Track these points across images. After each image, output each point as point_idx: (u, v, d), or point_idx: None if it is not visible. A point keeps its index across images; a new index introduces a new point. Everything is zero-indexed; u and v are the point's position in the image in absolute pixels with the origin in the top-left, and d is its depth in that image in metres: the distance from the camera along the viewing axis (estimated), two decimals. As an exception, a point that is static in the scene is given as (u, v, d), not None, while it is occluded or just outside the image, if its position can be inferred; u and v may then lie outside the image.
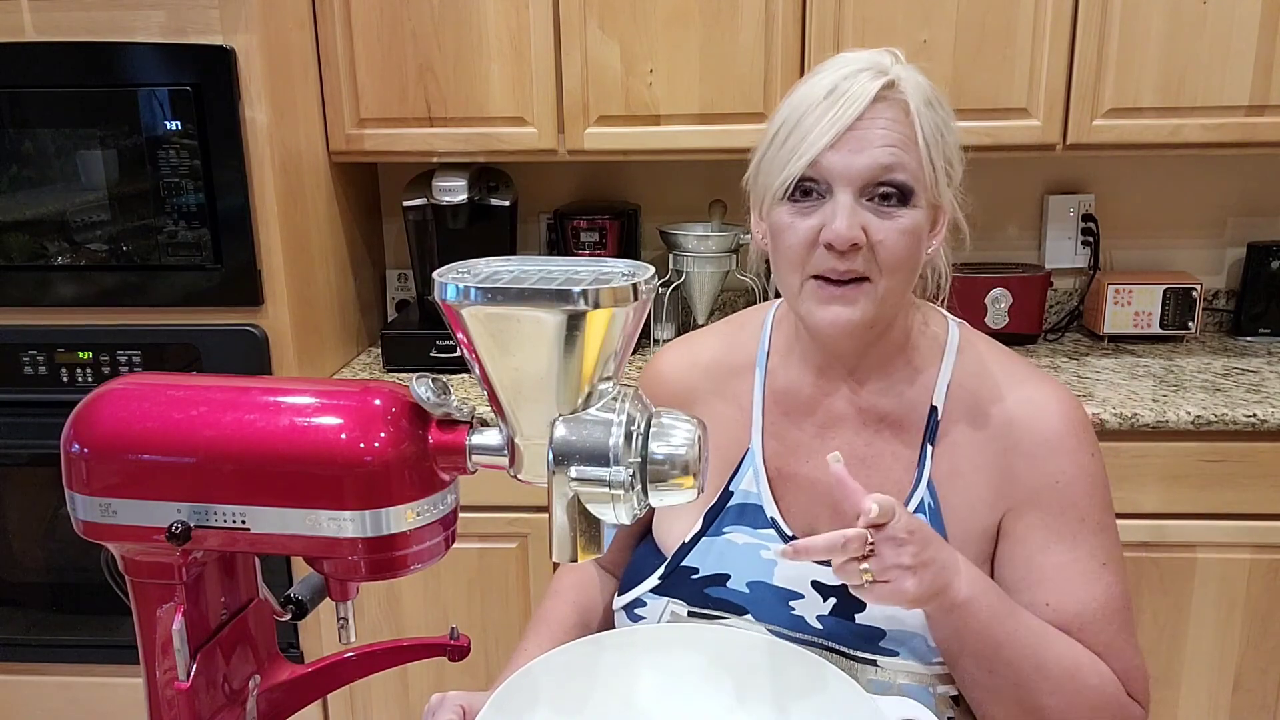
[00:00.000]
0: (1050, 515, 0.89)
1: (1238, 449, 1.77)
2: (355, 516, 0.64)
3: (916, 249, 0.87)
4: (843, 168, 0.85)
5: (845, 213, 0.84)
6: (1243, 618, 1.85)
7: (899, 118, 0.85)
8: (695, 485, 0.65)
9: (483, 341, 0.62)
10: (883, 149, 0.84)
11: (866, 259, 0.86)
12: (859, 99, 0.84)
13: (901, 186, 0.85)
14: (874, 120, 0.85)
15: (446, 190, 2.04)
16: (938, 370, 0.94)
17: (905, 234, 0.86)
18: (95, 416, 0.67)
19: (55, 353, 1.85)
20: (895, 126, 0.85)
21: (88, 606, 1.98)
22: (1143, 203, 2.29)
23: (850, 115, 0.84)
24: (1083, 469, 0.91)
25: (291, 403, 0.67)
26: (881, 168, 0.85)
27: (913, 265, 0.88)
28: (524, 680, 0.83)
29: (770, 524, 0.94)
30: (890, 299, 0.88)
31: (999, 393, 0.92)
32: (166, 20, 1.70)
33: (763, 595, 0.93)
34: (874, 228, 0.85)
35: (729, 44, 1.92)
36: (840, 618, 0.90)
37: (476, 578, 1.94)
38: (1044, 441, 0.90)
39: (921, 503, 0.91)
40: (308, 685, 0.80)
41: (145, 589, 0.70)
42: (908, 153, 0.85)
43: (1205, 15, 1.86)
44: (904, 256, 0.86)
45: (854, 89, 0.84)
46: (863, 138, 0.84)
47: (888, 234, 0.85)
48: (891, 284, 0.87)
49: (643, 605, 0.97)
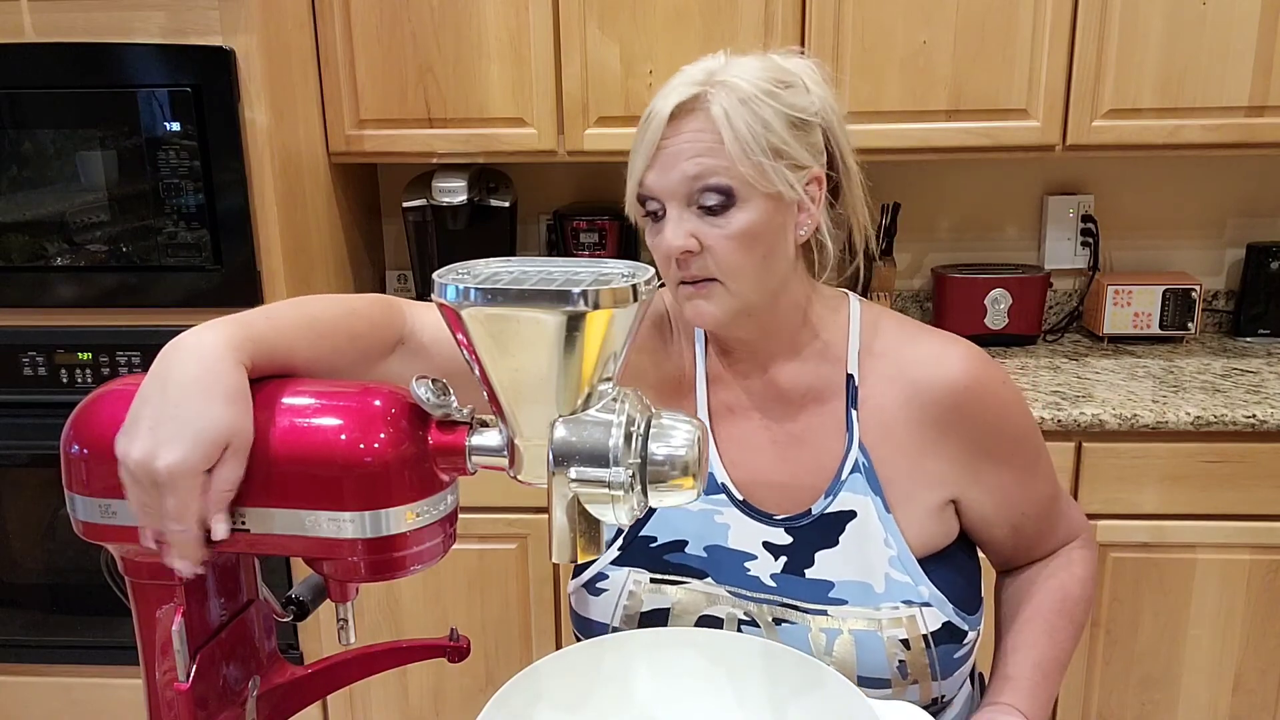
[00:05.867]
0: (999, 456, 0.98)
1: (1237, 450, 1.77)
2: (355, 517, 0.64)
3: (756, 245, 0.91)
4: (660, 185, 0.91)
5: (671, 225, 0.91)
6: (1243, 619, 1.85)
7: (704, 125, 0.89)
8: (695, 486, 0.65)
9: (482, 342, 0.62)
10: (689, 161, 0.89)
11: (705, 264, 0.91)
12: (658, 119, 0.90)
13: (720, 189, 0.89)
14: (679, 135, 0.90)
15: (446, 191, 2.05)
16: (845, 339, 1.00)
17: (734, 237, 0.90)
18: (95, 417, 0.67)
19: (55, 353, 1.85)
20: (701, 136, 0.89)
21: (88, 607, 1.98)
22: (1142, 203, 2.30)
23: (654, 137, 0.90)
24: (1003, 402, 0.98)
25: (291, 403, 0.67)
26: (690, 178, 0.89)
27: (757, 261, 0.92)
28: (525, 680, 0.83)
29: (721, 489, 0.99)
30: (747, 291, 0.92)
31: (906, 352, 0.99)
32: (166, 21, 1.70)
33: (720, 558, 0.98)
34: (704, 235, 0.90)
35: (729, 44, 1.90)
36: (791, 574, 0.95)
37: (476, 579, 1.94)
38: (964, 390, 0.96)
39: (856, 463, 0.96)
40: (307, 686, 0.80)
41: (145, 590, 0.70)
42: (715, 157, 0.89)
43: (1205, 15, 1.86)
44: (738, 259, 0.91)
45: (658, 110, 0.90)
46: (670, 154, 0.90)
47: (716, 240, 0.90)
48: (739, 283, 0.92)
49: (604, 579, 0.99)
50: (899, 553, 0.94)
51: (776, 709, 0.86)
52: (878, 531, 0.94)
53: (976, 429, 0.97)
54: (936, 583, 0.94)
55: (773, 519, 0.97)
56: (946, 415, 0.96)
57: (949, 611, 0.94)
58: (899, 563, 0.94)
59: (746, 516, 0.98)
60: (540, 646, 1.96)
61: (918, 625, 0.93)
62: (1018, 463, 0.99)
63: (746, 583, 0.96)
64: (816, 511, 0.96)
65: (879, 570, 0.94)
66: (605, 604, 0.98)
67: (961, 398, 0.96)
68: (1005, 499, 1.00)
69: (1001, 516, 1.00)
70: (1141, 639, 1.87)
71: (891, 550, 0.94)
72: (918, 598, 0.93)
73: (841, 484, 0.96)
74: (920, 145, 1.94)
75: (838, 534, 0.95)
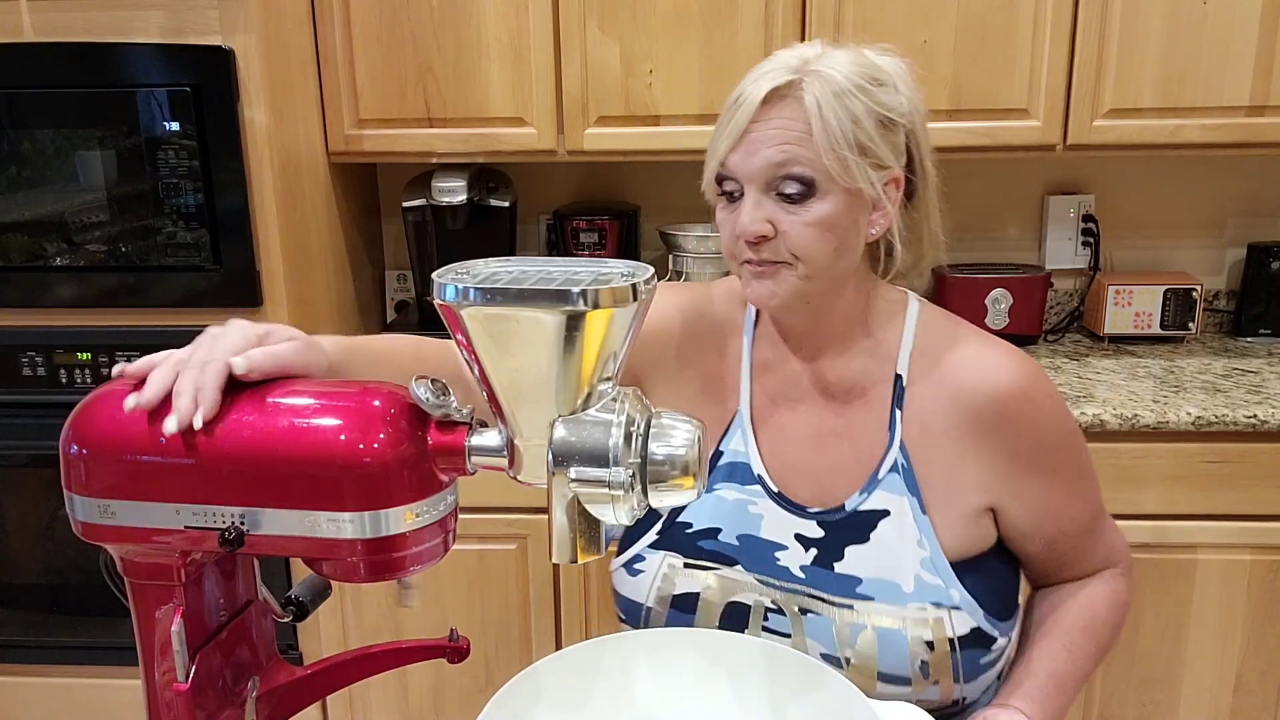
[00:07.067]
0: (1040, 467, 0.98)
1: (1238, 450, 1.77)
2: (354, 518, 0.64)
3: (830, 236, 0.92)
4: (743, 168, 0.92)
5: (748, 208, 0.92)
6: (1243, 619, 1.84)
7: (795, 114, 0.90)
8: (695, 486, 0.65)
9: (482, 342, 0.62)
10: (774, 148, 0.90)
11: (778, 248, 0.92)
12: (749, 103, 0.90)
13: (801, 179, 0.90)
14: (768, 121, 0.90)
15: (446, 191, 2.04)
16: (899, 339, 1.00)
17: (811, 225, 0.91)
18: (94, 417, 0.67)
19: (54, 354, 1.84)
20: (790, 124, 0.90)
21: (87, 607, 1.98)
22: (1143, 203, 2.29)
23: (743, 120, 0.91)
24: (1047, 414, 0.98)
25: (290, 404, 0.67)
26: (773, 165, 0.90)
27: (830, 252, 0.92)
28: (525, 681, 0.83)
29: (757, 480, 1.01)
30: (816, 278, 0.93)
31: (956, 355, 0.98)
32: (165, 21, 1.70)
33: (751, 547, 0.99)
34: (781, 221, 0.91)
35: (729, 44, 1.91)
36: (820, 567, 0.96)
37: (476, 579, 1.93)
38: (1009, 398, 0.96)
39: (895, 464, 0.97)
40: (307, 687, 0.80)
41: (144, 590, 0.69)
42: (803, 147, 0.90)
43: (1205, 15, 1.86)
44: (813, 245, 0.92)
45: (750, 94, 0.91)
46: (757, 139, 0.91)
47: (792, 226, 0.91)
48: (811, 268, 0.92)
49: (641, 560, 1.02)
50: (932, 554, 0.94)
51: (776, 709, 0.86)
52: (912, 532, 0.95)
53: (1018, 438, 0.96)
54: (969, 587, 0.94)
55: (806, 511, 0.98)
56: (989, 421, 0.95)
57: (979, 617, 0.94)
58: (931, 565, 0.94)
59: (780, 508, 0.99)
60: (540, 647, 1.96)
61: (944, 627, 0.93)
62: (1059, 478, 0.99)
63: (776, 572, 0.97)
64: (850, 507, 0.97)
65: (909, 570, 0.94)
66: (641, 584, 1.01)
67: (1005, 405, 0.95)
68: (1044, 512, 0.99)
69: (1038, 529, 0.99)
70: (1142, 639, 1.87)
71: (925, 552, 0.94)
72: (948, 600, 0.93)
73: (878, 482, 0.96)
74: (920, 145, 1.93)
75: (870, 531, 0.96)
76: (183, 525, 0.66)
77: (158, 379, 0.67)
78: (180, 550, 0.68)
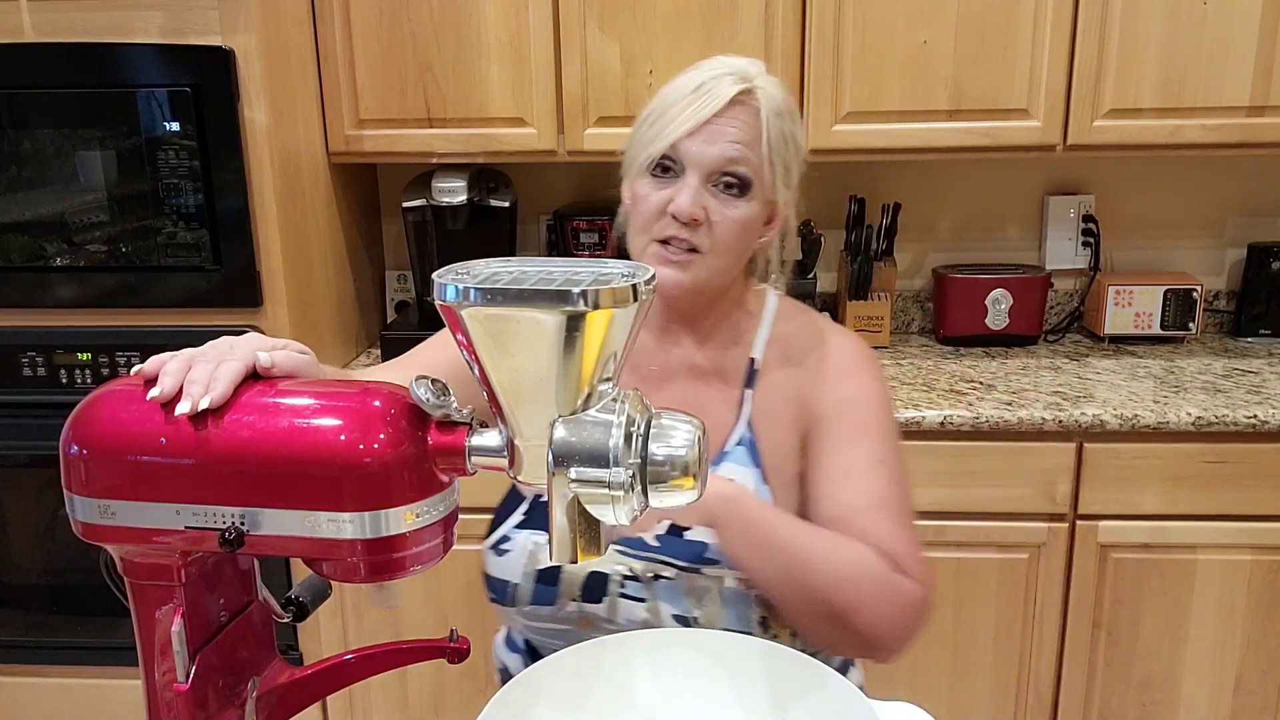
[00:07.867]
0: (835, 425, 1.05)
1: (1238, 450, 1.77)
2: (354, 518, 0.64)
3: (746, 236, 1.03)
4: (696, 154, 1.00)
5: (690, 191, 1.00)
6: (1244, 619, 1.84)
7: (750, 121, 1.00)
8: (696, 486, 0.65)
9: (482, 343, 0.62)
10: (731, 144, 0.99)
11: (702, 235, 1.01)
12: (719, 98, 0.99)
13: (742, 179, 1.00)
14: (729, 119, 0.99)
15: (446, 191, 2.04)
16: (757, 331, 1.11)
17: (738, 221, 1.01)
18: (94, 417, 0.67)
19: (54, 354, 1.84)
20: (746, 128, 1.00)
21: (87, 608, 1.98)
22: (1143, 203, 2.29)
23: (709, 111, 0.99)
24: (864, 388, 1.07)
25: (290, 404, 0.67)
26: (727, 159, 1.00)
27: (741, 249, 1.04)
28: (525, 681, 0.83)
29: None
30: (718, 272, 1.03)
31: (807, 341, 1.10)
32: (165, 21, 1.70)
33: None
34: (713, 210, 1.00)
35: (729, 44, 1.91)
36: (672, 536, 1.03)
37: (476, 579, 1.93)
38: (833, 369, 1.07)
39: (741, 438, 1.06)
40: (307, 687, 0.80)
41: (144, 590, 0.69)
42: (752, 151, 1.00)
43: (1205, 16, 1.86)
44: (733, 240, 1.02)
45: (717, 89, 0.99)
46: (717, 131, 0.99)
47: (723, 218, 1.01)
48: (719, 262, 1.02)
49: (508, 540, 1.08)
50: None
51: (776, 709, 0.86)
52: None
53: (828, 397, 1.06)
54: None
55: None
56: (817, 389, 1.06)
57: None
58: None
59: None
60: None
61: None
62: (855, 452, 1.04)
63: (634, 543, 1.03)
64: None
65: None
66: (508, 563, 1.07)
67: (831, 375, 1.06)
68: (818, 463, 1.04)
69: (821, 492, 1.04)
70: (1142, 640, 1.87)
71: None
72: None
73: (725, 455, 1.05)
74: (921, 145, 1.93)
75: None
76: (183, 525, 0.66)
77: (173, 368, 0.68)
78: (180, 550, 0.68)
